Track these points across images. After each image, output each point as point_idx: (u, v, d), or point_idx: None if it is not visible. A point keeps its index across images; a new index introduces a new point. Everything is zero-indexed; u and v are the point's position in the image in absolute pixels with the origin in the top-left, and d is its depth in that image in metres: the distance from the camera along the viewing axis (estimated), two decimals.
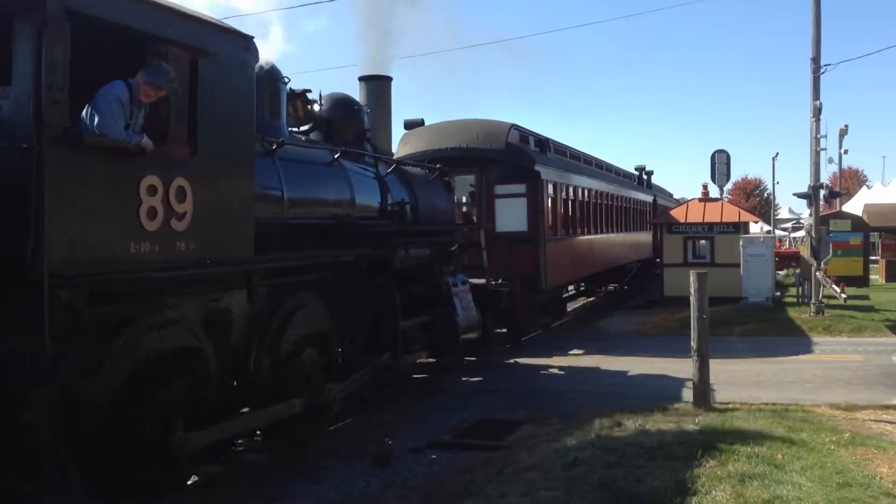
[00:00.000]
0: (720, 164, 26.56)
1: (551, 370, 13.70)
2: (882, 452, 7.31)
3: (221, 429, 6.89)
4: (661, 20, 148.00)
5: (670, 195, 46.71)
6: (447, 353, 11.93)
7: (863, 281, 26.50)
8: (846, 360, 13.81)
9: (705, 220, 22.68)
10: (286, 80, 9.26)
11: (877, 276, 30.15)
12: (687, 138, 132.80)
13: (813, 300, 19.05)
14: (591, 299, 26.48)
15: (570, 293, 24.84)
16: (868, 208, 33.14)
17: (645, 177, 34.51)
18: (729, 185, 42.69)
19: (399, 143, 15.91)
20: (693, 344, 9.19)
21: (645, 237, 30.16)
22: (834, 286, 19.86)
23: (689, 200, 27.01)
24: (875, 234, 31.71)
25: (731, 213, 23.28)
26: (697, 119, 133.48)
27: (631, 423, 8.30)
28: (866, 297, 22.95)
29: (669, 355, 14.05)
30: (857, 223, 27.99)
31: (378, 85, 12.35)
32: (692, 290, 9.20)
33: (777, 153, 48.47)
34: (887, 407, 9.97)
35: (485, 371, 13.32)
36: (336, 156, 9.69)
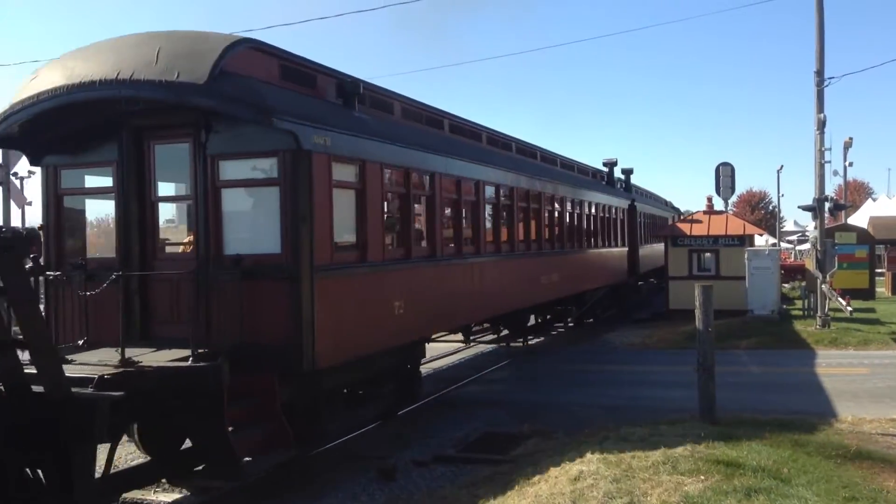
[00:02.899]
0: (725, 176, 26.59)
1: None
2: (889, 466, 7.28)
3: None
4: (665, 33, 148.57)
5: (664, 202, 38.99)
6: None
7: (869, 293, 26.47)
8: (852, 373, 13.77)
9: (710, 233, 22.69)
10: None
11: (883, 289, 30.08)
12: (692, 151, 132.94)
13: (819, 313, 19.00)
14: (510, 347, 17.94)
15: (476, 342, 17.27)
16: (873, 221, 33.13)
17: (622, 176, 27.11)
18: (734, 198, 42.52)
19: (26, 79, 8.55)
20: (699, 357, 9.18)
21: (617, 254, 23.22)
22: (840, 299, 19.83)
23: (694, 213, 26.99)
24: (881, 246, 31.62)
25: (736, 226, 23.29)
26: (702, 131, 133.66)
27: (636, 437, 8.28)
28: (872, 310, 22.89)
29: (675, 368, 14.05)
30: (863, 236, 27.97)
31: None
32: (697, 304, 9.19)
33: (782, 166, 48.37)
34: (894, 420, 9.93)
35: None
36: None
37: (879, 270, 31.24)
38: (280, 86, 8.62)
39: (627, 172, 27.42)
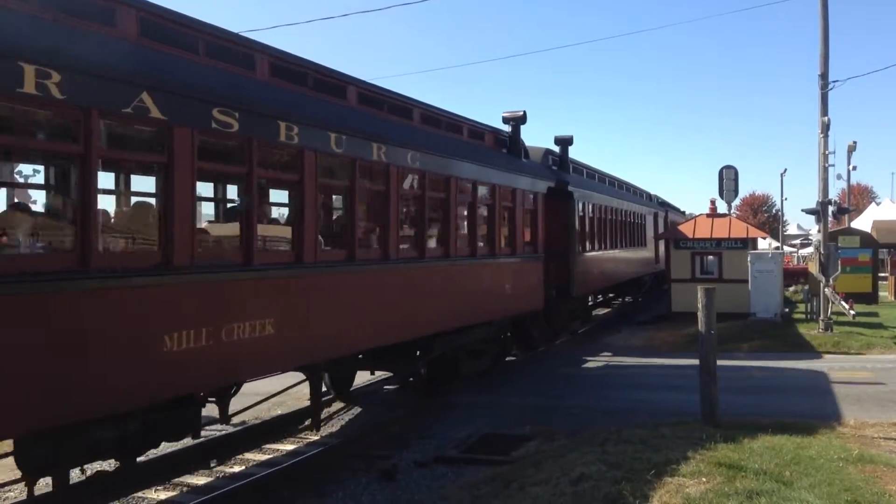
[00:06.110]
0: (728, 179, 26.58)
1: None
2: (891, 470, 7.26)
3: None
4: (668, 36, 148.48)
5: (642, 193, 30.56)
6: None
7: (872, 297, 26.43)
8: (855, 376, 13.73)
9: (713, 236, 22.68)
10: None
11: (886, 293, 30.02)
12: (695, 154, 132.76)
13: (821, 316, 18.98)
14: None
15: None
16: (877, 225, 33.14)
17: (557, 148, 18.14)
18: (737, 201, 42.44)
19: None
20: (701, 360, 9.17)
21: (517, 267, 14.04)
22: (843, 302, 19.80)
23: (697, 216, 26.96)
24: (884, 250, 31.60)
25: (739, 229, 23.27)
26: (706, 135, 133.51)
27: (637, 439, 8.27)
28: (875, 314, 22.85)
29: (677, 371, 14.04)
30: (866, 239, 27.94)
31: None
32: (700, 306, 9.18)
33: (785, 169, 48.23)
34: None
35: None
36: None
37: (882, 274, 31.21)
38: None
39: (563, 143, 18.13)
